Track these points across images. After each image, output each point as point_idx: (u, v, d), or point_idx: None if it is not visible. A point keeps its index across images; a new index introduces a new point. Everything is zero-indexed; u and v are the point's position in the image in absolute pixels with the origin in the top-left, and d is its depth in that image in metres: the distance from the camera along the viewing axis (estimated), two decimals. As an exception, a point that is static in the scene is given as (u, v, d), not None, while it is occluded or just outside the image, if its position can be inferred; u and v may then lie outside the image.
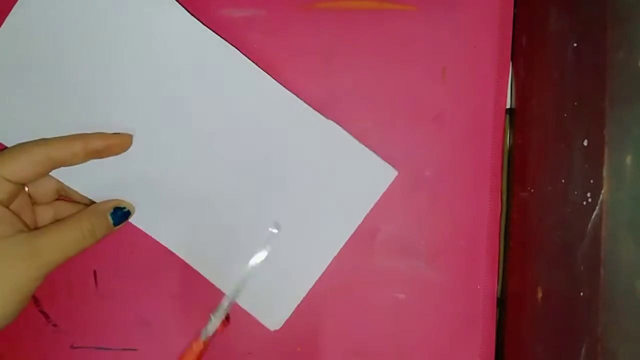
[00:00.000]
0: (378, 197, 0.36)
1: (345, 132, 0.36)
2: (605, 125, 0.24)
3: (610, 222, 0.24)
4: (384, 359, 0.37)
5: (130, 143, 0.35)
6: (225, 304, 0.35)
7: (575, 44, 0.29)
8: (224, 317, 0.35)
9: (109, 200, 0.35)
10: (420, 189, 0.38)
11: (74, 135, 0.34)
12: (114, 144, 0.35)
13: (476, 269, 0.37)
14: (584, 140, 0.27)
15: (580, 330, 0.26)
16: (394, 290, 0.37)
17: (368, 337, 0.37)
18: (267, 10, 0.38)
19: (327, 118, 0.36)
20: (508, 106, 0.38)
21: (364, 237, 0.37)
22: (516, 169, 0.37)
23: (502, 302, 0.38)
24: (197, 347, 0.35)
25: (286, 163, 0.36)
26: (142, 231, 0.36)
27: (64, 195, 0.36)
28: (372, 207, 0.36)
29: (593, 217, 0.25)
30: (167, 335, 0.37)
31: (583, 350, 0.25)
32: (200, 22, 0.36)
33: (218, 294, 0.37)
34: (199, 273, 0.37)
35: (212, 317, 0.35)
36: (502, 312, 0.38)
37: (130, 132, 0.35)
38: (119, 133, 0.35)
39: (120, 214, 0.35)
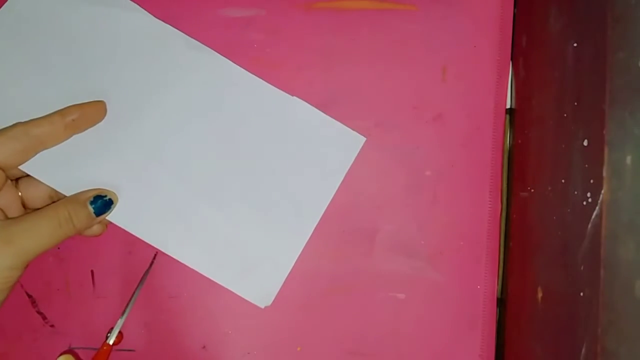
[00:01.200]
0: (349, 165, 0.37)
1: (310, 106, 0.37)
2: (605, 125, 0.24)
3: (610, 222, 0.24)
4: (383, 359, 0.37)
5: (105, 110, 0.35)
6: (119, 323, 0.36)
7: (575, 44, 0.29)
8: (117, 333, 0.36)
9: (90, 190, 0.34)
10: (420, 189, 0.38)
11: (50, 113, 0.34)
12: (89, 111, 0.34)
13: (476, 269, 0.37)
14: (584, 140, 0.26)
15: (580, 330, 0.26)
16: (394, 290, 0.37)
17: (368, 336, 0.37)
18: (267, 10, 0.38)
19: (291, 95, 0.37)
20: (508, 106, 0.38)
21: (364, 237, 0.37)
22: (516, 169, 0.37)
23: (502, 302, 0.38)
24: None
25: (257, 142, 0.37)
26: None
27: (56, 200, 0.36)
28: (344, 175, 0.37)
29: (593, 217, 0.25)
30: (165, 335, 0.37)
31: (583, 350, 0.25)
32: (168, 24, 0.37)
33: (216, 295, 0.37)
34: (197, 273, 0.37)
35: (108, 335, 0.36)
36: (502, 312, 0.38)
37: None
38: (91, 101, 0.35)
39: (101, 202, 0.34)
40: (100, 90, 0.36)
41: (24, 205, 0.35)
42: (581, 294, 0.26)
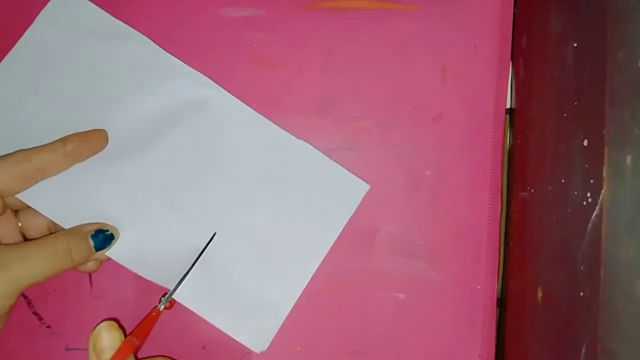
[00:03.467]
0: (352, 212, 0.37)
1: (316, 150, 0.37)
2: (605, 125, 0.24)
3: (610, 222, 0.24)
4: (383, 359, 0.37)
5: (106, 138, 0.35)
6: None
7: (575, 44, 0.29)
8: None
9: (92, 223, 0.34)
10: (420, 189, 0.38)
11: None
12: (90, 139, 0.34)
13: (476, 269, 0.37)
14: (584, 140, 0.26)
15: (580, 330, 0.26)
16: (394, 290, 0.37)
17: (368, 336, 0.37)
18: (267, 10, 0.38)
19: (298, 138, 0.37)
20: (508, 106, 0.38)
21: (364, 237, 0.37)
22: (516, 169, 0.37)
23: (502, 302, 0.38)
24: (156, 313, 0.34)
25: (260, 184, 0.36)
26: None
27: (55, 232, 0.35)
28: (346, 222, 0.37)
29: (593, 217, 0.25)
30: (165, 335, 0.37)
31: (583, 350, 0.25)
32: (172, 54, 0.37)
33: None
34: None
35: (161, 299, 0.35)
36: (502, 312, 0.38)
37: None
38: (93, 130, 0.35)
39: (102, 237, 0.33)
40: (106, 121, 0.35)
41: (23, 237, 0.34)
42: (581, 294, 0.26)
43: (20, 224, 0.34)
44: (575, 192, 0.27)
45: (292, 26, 0.38)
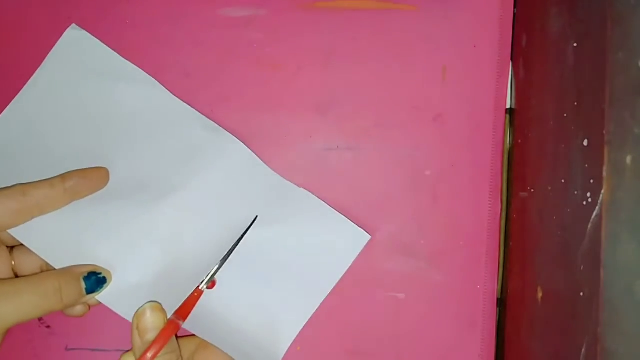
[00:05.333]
0: (352, 262, 0.36)
1: (317, 199, 0.36)
2: (605, 125, 0.24)
3: (610, 222, 0.24)
4: (383, 359, 0.37)
5: (107, 177, 0.34)
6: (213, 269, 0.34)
7: (575, 44, 0.29)
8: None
9: (85, 265, 0.33)
10: (420, 189, 0.38)
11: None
12: (91, 176, 0.33)
13: (476, 269, 0.37)
14: (584, 140, 0.26)
15: (580, 330, 0.26)
16: (394, 290, 0.37)
17: (368, 336, 0.37)
18: (267, 10, 0.38)
19: (298, 186, 0.37)
20: (508, 106, 0.38)
21: (364, 237, 0.37)
22: (516, 169, 0.37)
23: (502, 302, 0.38)
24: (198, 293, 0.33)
25: (260, 233, 0.36)
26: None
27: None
28: (345, 271, 0.36)
29: (593, 217, 0.25)
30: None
31: (583, 350, 0.25)
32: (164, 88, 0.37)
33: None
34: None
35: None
36: (502, 312, 0.38)
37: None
38: (93, 167, 0.34)
39: (95, 279, 0.32)
40: (108, 162, 0.35)
41: (16, 276, 0.33)
42: (581, 294, 0.26)
43: (13, 262, 0.33)
44: (575, 192, 0.27)
45: (292, 26, 0.38)
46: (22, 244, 0.33)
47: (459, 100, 0.38)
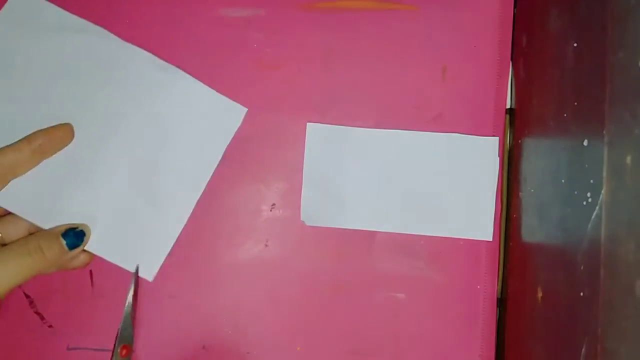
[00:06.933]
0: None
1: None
2: (605, 125, 0.24)
3: (610, 222, 0.24)
4: (383, 359, 0.37)
5: (72, 132, 0.35)
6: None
7: (575, 44, 0.29)
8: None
9: (63, 224, 0.34)
10: (420, 189, 0.38)
11: None
12: (55, 135, 0.35)
13: (476, 269, 0.37)
14: (584, 140, 0.26)
15: (580, 330, 0.26)
16: (394, 290, 0.37)
17: (368, 336, 0.37)
18: (267, 10, 0.38)
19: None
20: (508, 106, 0.38)
21: (364, 237, 0.37)
22: (516, 169, 0.37)
23: (502, 302, 0.38)
24: None
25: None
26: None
27: None
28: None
29: (593, 217, 0.25)
30: (164, 335, 0.37)
31: (583, 350, 0.25)
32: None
33: (216, 295, 0.37)
34: (195, 274, 0.37)
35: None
36: (502, 312, 0.38)
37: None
38: (57, 125, 0.35)
39: (72, 234, 0.34)
40: (69, 115, 0.36)
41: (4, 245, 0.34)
42: (581, 294, 0.26)
43: (0, 235, 0.34)
44: (575, 192, 0.27)
45: (292, 26, 0.38)
46: (4, 215, 0.34)
47: (459, 100, 0.38)
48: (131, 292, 0.36)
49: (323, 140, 0.38)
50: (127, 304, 0.36)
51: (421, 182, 0.37)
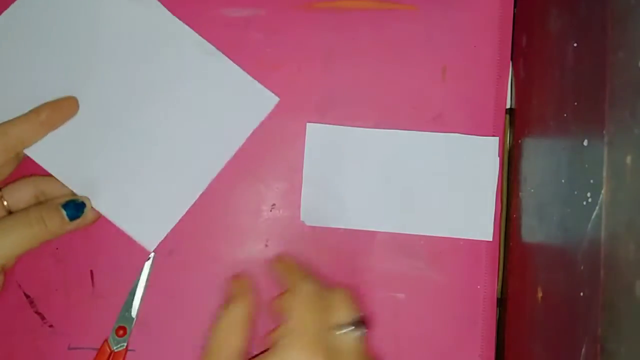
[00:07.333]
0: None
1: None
2: (605, 125, 0.24)
3: (610, 222, 0.24)
4: (384, 359, 0.37)
5: (77, 105, 0.36)
6: None
7: (575, 44, 0.29)
8: None
9: (63, 196, 0.35)
10: (420, 189, 0.38)
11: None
12: (61, 107, 0.35)
13: (476, 269, 0.37)
14: (584, 140, 0.26)
15: (580, 330, 0.26)
16: (394, 290, 0.37)
17: (368, 337, 0.37)
18: (267, 10, 0.38)
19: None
20: (508, 106, 0.38)
21: (364, 237, 0.37)
22: (516, 169, 0.37)
23: (502, 302, 0.38)
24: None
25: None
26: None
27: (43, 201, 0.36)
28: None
29: (593, 217, 0.25)
30: (164, 335, 0.37)
31: (583, 350, 0.25)
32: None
33: (216, 294, 0.37)
34: (196, 273, 0.37)
35: None
36: (502, 312, 0.38)
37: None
38: (62, 98, 0.36)
39: (72, 205, 0.34)
40: (107, 81, 0.37)
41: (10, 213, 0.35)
42: (581, 294, 0.26)
43: (5, 203, 0.35)
44: (575, 192, 0.27)
45: (292, 26, 0.38)
46: (7, 185, 0.35)
47: (459, 100, 0.38)
48: (146, 274, 0.37)
49: (323, 140, 0.38)
50: (136, 287, 0.37)
51: (421, 182, 0.37)
